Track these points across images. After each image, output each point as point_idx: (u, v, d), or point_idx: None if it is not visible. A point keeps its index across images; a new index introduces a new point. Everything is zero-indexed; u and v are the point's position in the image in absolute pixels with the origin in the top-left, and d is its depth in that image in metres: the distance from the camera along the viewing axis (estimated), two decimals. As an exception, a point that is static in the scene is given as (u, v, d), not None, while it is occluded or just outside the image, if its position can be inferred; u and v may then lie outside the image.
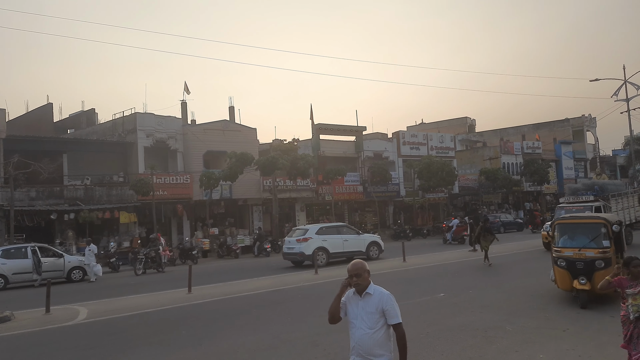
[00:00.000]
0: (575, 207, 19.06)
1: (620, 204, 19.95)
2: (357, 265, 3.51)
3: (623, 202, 20.23)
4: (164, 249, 17.74)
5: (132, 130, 26.33)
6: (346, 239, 18.46)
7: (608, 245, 8.60)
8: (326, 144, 33.10)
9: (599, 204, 18.58)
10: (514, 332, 7.55)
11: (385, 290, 3.53)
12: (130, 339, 8.37)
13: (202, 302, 11.32)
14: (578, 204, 19.30)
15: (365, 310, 3.45)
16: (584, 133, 52.88)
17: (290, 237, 18.81)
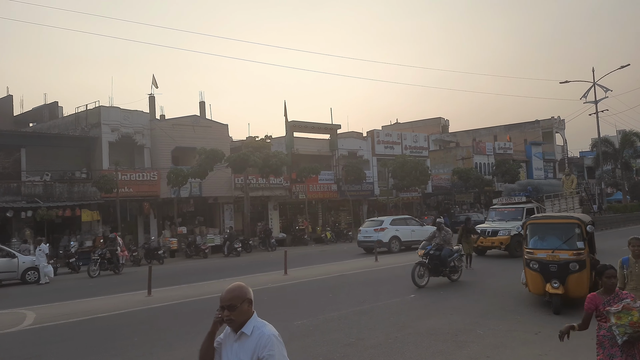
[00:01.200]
0: (507, 209, 18.11)
1: (557, 205, 18.67)
2: (232, 292, 2.52)
3: (560, 204, 18.95)
4: (121, 249, 16.78)
5: (96, 124, 25.18)
6: (413, 229, 21.36)
7: (582, 247, 8.37)
8: (300, 141, 32.62)
9: (532, 205, 17.66)
10: (485, 336, 7.25)
11: (269, 329, 2.54)
12: (76, 347, 7.69)
13: (161, 305, 10.66)
14: (510, 205, 18.29)
15: (238, 356, 2.46)
16: (553, 135, 54.07)
17: (366, 227, 21.83)
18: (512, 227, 16.50)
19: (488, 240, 16.77)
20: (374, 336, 7.43)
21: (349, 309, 9.51)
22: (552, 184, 21.52)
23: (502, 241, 16.56)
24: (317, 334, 7.65)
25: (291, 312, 9.32)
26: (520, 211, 17.33)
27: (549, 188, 19.72)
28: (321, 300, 10.52)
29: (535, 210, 17.19)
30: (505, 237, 16.56)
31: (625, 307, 3.97)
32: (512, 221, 16.93)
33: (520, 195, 18.64)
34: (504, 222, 17.16)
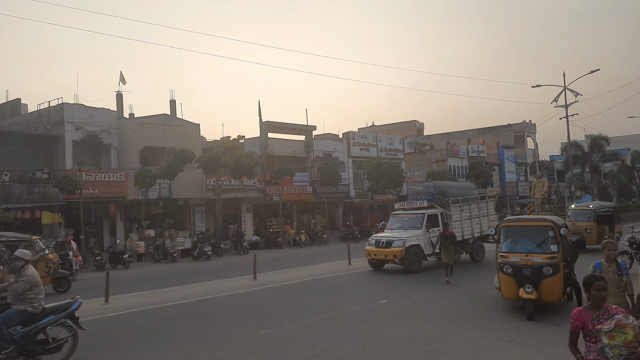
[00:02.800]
0: (407, 215, 15.59)
1: (467, 211, 16.19)
2: None
3: (471, 209, 16.41)
4: (74, 254, 15.59)
5: (59, 122, 24.02)
6: None
7: (556, 250, 8.17)
8: (275, 142, 32.06)
9: (436, 211, 15.29)
10: (458, 345, 6.93)
11: None
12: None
13: (117, 314, 9.97)
14: (411, 211, 15.77)
15: None
16: (525, 138, 55.08)
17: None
18: (408, 236, 14.23)
19: (381, 252, 14.25)
20: (341, 346, 7.01)
21: (318, 316, 9.07)
22: (463, 187, 18.33)
23: (395, 254, 13.91)
24: (281, 345, 7.17)
25: (256, 321, 8.80)
26: (420, 218, 14.88)
27: (457, 191, 16.80)
28: (289, 307, 10.05)
29: (439, 216, 15.02)
30: (399, 248, 13.91)
31: (617, 324, 3.47)
32: (411, 229, 14.67)
33: (422, 199, 15.98)
34: (402, 231, 14.74)
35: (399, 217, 15.87)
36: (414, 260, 14.15)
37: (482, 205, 17.06)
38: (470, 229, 16.06)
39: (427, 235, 14.51)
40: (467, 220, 16.10)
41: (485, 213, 17.05)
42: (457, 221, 15.68)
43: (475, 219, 16.39)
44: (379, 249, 14.43)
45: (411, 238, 14.27)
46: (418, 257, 14.26)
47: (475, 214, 16.52)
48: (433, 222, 14.95)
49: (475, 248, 16.16)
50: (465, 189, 17.84)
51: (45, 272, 13.33)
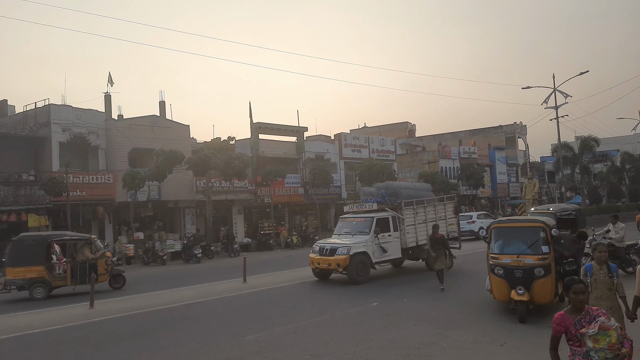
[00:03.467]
0: (356, 218, 14.14)
1: (422, 214, 14.80)
2: None
3: (427, 212, 14.99)
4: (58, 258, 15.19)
5: (45, 123, 23.63)
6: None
7: (547, 251, 8.08)
8: (266, 144, 31.85)
9: (387, 214, 13.91)
10: (449, 349, 6.79)
11: None
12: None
13: (102, 319, 9.71)
14: (360, 214, 14.38)
15: None
16: (516, 140, 55.36)
17: None
18: (354, 243, 12.87)
19: (325, 260, 12.83)
20: (330, 351, 6.84)
21: (307, 320, 8.89)
22: (417, 188, 16.66)
23: (339, 262, 12.51)
24: (269, 351, 6.99)
25: (244, 325, 8.60)
26: (368, 222, 13.51)
27: (411, 192, 15.41)
28: (278, 310, 9.86)
29: (390, 220, 13.82)
30: (342, 256, 12.49)
31: (601, 327, 3.43)
32: (358, 235, 13.36)
33: (371, 201, 14.55)
34: (350, 237, 13.46)
35: (348, 221, 14.34)
36: (360, 269, 12.75)
37: (439, 208, 15.58)
38: (426, 233, 14.29)
39: (375, 241, 13.19)
40: (422, 224, 14.63)
41: (442, 216, 15.54)
42: (411, 225, 14.26)
43: (431, 223, 14.25)
44: (322, 257, 12.93)
45: (357, 245, 12.84)
46: (365, 266, 12.92)
47: (432, 217, 14.95)
48: (383, 227, 13.57)
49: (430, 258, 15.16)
50: (421, 191, 16.29)
51: (105, 270, 14.11)
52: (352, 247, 12.72)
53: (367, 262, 13.00)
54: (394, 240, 13.84)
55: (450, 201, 16.38)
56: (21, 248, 13.59)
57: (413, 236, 14.38)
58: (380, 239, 13.34)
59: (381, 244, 13.34)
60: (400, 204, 14.27)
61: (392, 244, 13.74)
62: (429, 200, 15.43)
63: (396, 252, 13.89)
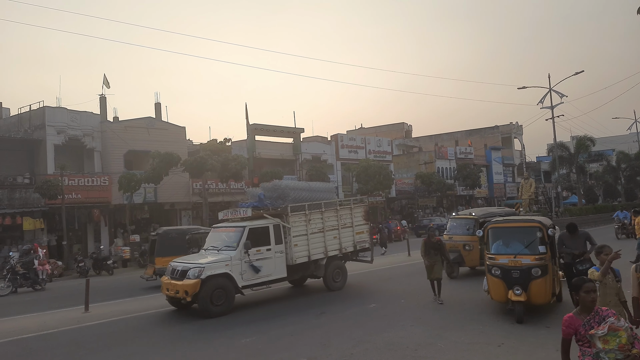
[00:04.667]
0: (228, 229, 11.11)
1: (319, 221, 11.82)
2: None
3: (326, 219, 11.97)
4: (41, 262, 14.83)
5: (40, 126, 23.53)
6: None
7: (544, 251, 8.06)
8: (263, 145, 31.81)
9: (266, 222, 10.86)
10: (446, 350, 6.76)
11: None
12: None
13: (97, 323, 9.63)
14: (233, 223, 11.32)
15: None
16: (512, 140, 55.52)
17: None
18: (210, 262, 9.93)
19: (173, 286, 9.88)
20: (327, 354, 6.80)
21: (305, 322, 8.85)
22: (314, 189, 12.99)
23: (187, 289, 9.49)
24: (265, 354, 6.94)
25: (239, 328, 8.55)
26: (238, 233, 10.50)
27: (303, 194, 12.23)
28: (274, 313, 9.81)
29: (271, 230, 10.81)
30: (191, 281, 9.52)
31: (611, 327, 3.37)
32: (225, 250, 10.44)
33: (246, 205, 11.71)
34: (216, 252, 10.60)
35: (219, 232, 11.30)
36: (218, 297, 9.70)
37: (343, 213, 12.53)
38: (323, 245, 11.85)
39: (245, 259, 10.24)
40: (317, 233, 11.74)
41: (348, 223, 12.59)
42: (301, 236, 11.37)
43: (331, 232, 12.07)
44: (171, 282, 10.02)
45: (215, 264, 9.88)
46: (226, 292, 9.87)
47: (332, 225, 12.15)
48: (260, 239, 10.63)
49: (331, 271, 12.08)
50: (319, 192, 12.87)
51: None
52: (206, 267, 9.70)
53: (228, 287, 9.94)
54: (276, 256, 10.83)
55: (359, 205, 13.28)
56: (167, 240, 14.94)
57: (304, 249, 11.37)
58: (252, 255, 10.34)
59: (253, 262, 10.34)
60: (286, 208, 11.24)
61: (271, 261, 10.71)
62: (328, 204, 12.30)
63: (279, 271, 10.90)
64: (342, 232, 12.37)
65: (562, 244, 8.34)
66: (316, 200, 12.20)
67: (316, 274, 12.13)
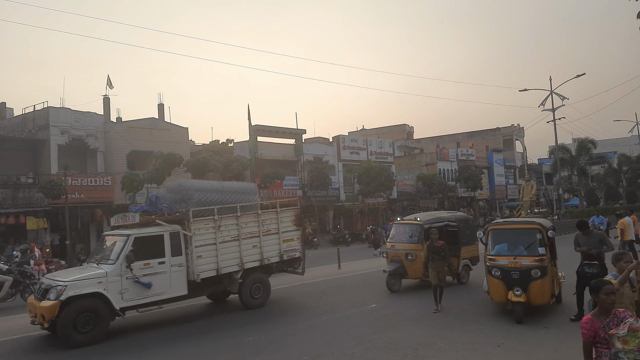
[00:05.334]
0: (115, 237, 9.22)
1: (232, 228, 10.07)
2: None
3: (242, 225, 10.24)
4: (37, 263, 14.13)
5: (44, 126, 23.68)
6: None
7: (544, 253, 8.16)
8: (265, 146, 31.94)
9: (159, 230, 9.12)
10: (447, 350, 6.85)
11: None
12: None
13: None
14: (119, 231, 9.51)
15: None
16: (513, 142, 55.56)
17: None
18: (78, 278, 8.22)
19: (34, 307, 8.20)
20: (328, 352, 6.90)
21: (306, 321, 8.95)
22: (228, 190, 10.76)
23: (43, 312, 7.80)
24: (268, 352, 7.05)
25: (243, 328, 8.66)
26: (121, 244, 8.80)
27: (211, 197, 10.21)
28: (276, 312, 9.91)
29: (166, 239, 9.09)
30: (49, 303, 7.83)
31: (630, 328, 3.40)
32: (104, 264, 8.67)
33: (135, 209, 9.91)
34: (95, 266, 8.87)
35: (107, 240, 9.46)
36: (85, 322, 7.96)
37: (267, 218, 10.74)
38: (238, 256, 10.11)
39: (127, 274, 8.51)
40: (230, 242, 10.01)
41: (273, 229, 10.85)
42: (208, 245, 9.62)
43: (249, 240, 10.35)
44: (34, 302, 8.33)
45: (83, 282, 8.15)
46: (96, 316, 8.09)
47: (251, 232, 10.42)
48: (151, 250, 8.93)
49: (249, 286, 10.36)
50: (234, 194, 10.72)
51: None
52: (68, 286, 7.94)
53: (100, 310, 8.20)
54: (173, 270, 9.11)
55: (287, 209, 11.37)
56: None
57: (211, 262, 9.66)
58: (138, 269, 8.59)
59: (138, 278, 8.58)
60: (187, 213, 9.46)
61: (165, 276, 8.97)
62: (246, 208, 10.53)
63: (176, 288, 9.14)
64: (264, 240, 10.58)
65: (578, 245, 8.08)
66: (231, 203, 10.33)
67: (230, 289, 10.40)
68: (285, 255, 11.11)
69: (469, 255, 12.37)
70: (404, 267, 11.53)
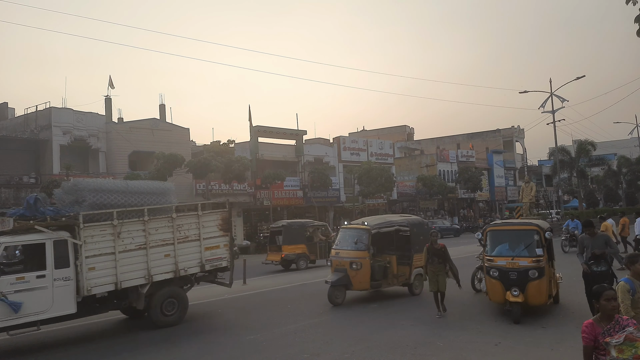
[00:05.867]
0: None
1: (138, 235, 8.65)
2: None
3: (152, 232, 8.78)
4: None
5: (46, 126, 23.86)
6: None
7: (541, 254, 8.28)
8: (265, 147, 32.08)
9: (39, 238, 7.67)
10: (445, 348, 6.98)
11: None
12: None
13: (102, 320, 9.86)
14: None
15: None
16: (513, 143, 55.66)
17: None
18: None
19: None
20: (329, 351, 7.03)
21: (307, 321, 9.08)
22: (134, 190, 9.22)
23: None
24: (269, 350, 7.17)
25: (244, 326, 8.78)
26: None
27: (112, 198, 8.75)
28: (278, 312, 10.03)
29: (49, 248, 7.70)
30: None
31: (628, 337, 3.32)
32: None
33: (11, 213, 8.56)
34: None
35: None
36: None
37: (184, 223, 9.27)
38: (145, 266, 8.66)
39: None
40: (134, 251, 8.58)
41: (193, 236, 9.37)
42: (104, 255, 8.25)
43: (161, 248, 8.88)
44: None
45: None
46: None
47: (163, 239, 8.95)
48: (27, 262, 8.06)
49: (160, 301, 8.91)
50: (142, 194, 9.18)
51: None
52: None
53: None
54: (57, 285, 7.75)
55: (212, 212, 9.95)
56: (291, 231, 18.02)
57: (109, 274, 8.29)
58: (6, 285, 7.24)
59: (7, 296, 7.24)
60: (76, 218, 8.06)
61: (45, 293, 7.62)
62: (156, 211, 9.09)
63: (60, 306, 7.78)
64: (180, 247, 9.12)
65: (583, 247, 7.91)
66: (138, 206, 8.88)
67: (136, 305, 8.91)
68: (208, 265, 9.60)
69: (422, 263, 10.38)
70: (348, 277, 10.18)
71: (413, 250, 10.99)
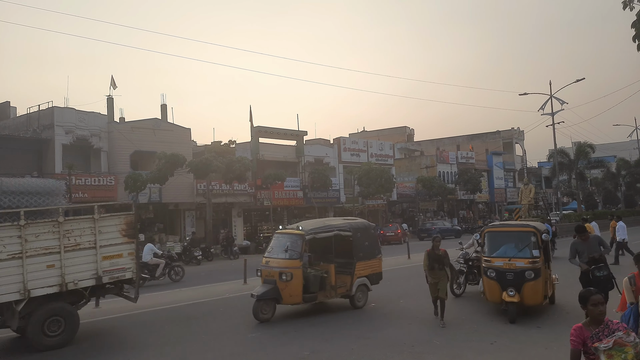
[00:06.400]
0: None
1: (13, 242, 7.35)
2: None
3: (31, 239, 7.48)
4: None
5: (49, 125, 23.97)
6: None
7: (538, 255, 8.45)
8: (266, 147, 32.22)
9: None
10: (442, 347, 7.14)
11: None
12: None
13: (108, 318, 10.03)
14: None
15: None
16: (513, 145, 55.82)
17: None
18: None
19: None
20: (329, 348, 7.19)
21: (308, 319, 9.24)
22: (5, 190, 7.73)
23: None
24: (270, 348, 7.33)
25: (246, 324, 8.94)
26: None
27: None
28: (278, 311, 10.16)
29: None
30: None
31: (616, 342, 3.26)
32: None
33: None
34: None
35: None
36: None
37: (74, 228, 7.95)
38: (20, 279, 7.40)
39: None
40: (6, 261, 7.29)
41: (86, 243, 8.06)
42: None
43: (41, 257, 7.58)
44: None
45: None
46: None
47: (45, 247, 7.65)
48: None
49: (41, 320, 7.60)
50: (19, 195, 7.86)
51: None
52: None
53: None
54: None
55: (112, 216, 8.65)
56: None
57: None
58: None
59: None
60: None
61: None
62: (36, 214, 7.83)
63: None
64: (69, 257, 7.83)
65: (576, 251, 7.90)
66: (13, 208, 7.58)
67: (8, 324, 7.76)
68: (106, 277, 8.27)
69: (366, 272, 9.89)
70: (277, 289, 8.92)
71: (356, 258, 9.79)
